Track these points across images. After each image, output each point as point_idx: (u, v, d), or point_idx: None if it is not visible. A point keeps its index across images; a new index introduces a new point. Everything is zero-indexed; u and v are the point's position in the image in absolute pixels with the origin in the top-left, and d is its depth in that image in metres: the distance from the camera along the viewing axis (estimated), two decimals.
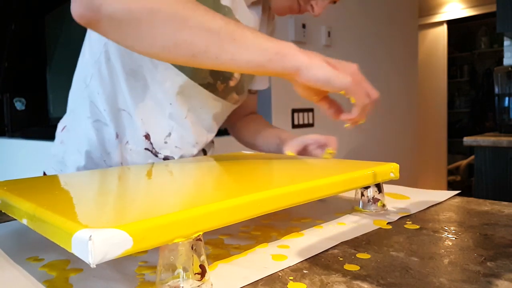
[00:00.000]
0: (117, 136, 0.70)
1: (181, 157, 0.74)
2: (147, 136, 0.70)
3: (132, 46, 0.52)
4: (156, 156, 0.72)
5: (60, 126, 0.79)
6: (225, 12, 0.68)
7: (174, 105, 0.70)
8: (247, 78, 0.81)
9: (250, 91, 0.89)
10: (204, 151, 0.82)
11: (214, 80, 0.71)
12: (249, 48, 0.50)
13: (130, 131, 0.70)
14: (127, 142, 0.70)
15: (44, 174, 0.79)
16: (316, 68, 0.51)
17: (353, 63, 0.56)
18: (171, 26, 0.48)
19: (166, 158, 0.72)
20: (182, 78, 0.67)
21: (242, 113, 0.92)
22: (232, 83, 0.75)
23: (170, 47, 0.49)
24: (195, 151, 0.76)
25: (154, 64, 0.67)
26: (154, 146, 0.71)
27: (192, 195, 0.42)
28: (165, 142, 0.71)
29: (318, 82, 0.51)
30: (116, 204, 0.38)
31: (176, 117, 0.71)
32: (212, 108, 0.75)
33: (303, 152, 0.76)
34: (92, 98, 0.71)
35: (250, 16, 0.74)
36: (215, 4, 0.67)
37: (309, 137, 0.76)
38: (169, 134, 0.71)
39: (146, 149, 0.71)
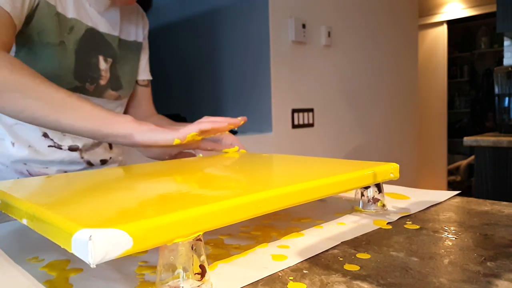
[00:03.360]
0: (13, 145, 0.75)
1: (84, 146, 0.80)
2: (46, 135, 0.76)
3: None
4: (61, 148, 0.77)
5: None
6: (73, 23, 0.74)
7: None
8: (123, 74, 0.85)
9: (138, 83, 0.94)
10: (110, 145, 0.87)
11: (81, 83, 0.77)
12: (86, 116, 0.61)
13: (28, 135, 0.75)
14: (29, 145, 0.75)
15: None
16: (147, 132, 0.62)
17: None
18: (16, 95, 0.58)
19: (71, 149, 0.78)
20: None
21: (141, 114, 0.94)
22: (102, 82, 0.81)
23: (18, 111, 0.60)
24: (91, 141, 0.82)
25: None
26: (55, 141, 0.77)
27: (191, 195, 0.42)
28: (64, 135, 0.78)
29: (150, 142, 0.62)
30: (116, 204, 0.38)
31: None
32: None
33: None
34: None
35: (104, 22, 0.80)
36: (61, 20, 0.72)
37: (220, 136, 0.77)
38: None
39: (49, 146, 0.77)
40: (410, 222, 0.49)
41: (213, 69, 2.19)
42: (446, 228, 0.46)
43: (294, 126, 2.00)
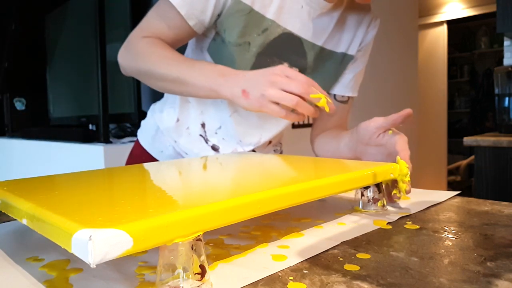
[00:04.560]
0: (177, 120, 0.84)
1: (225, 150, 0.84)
2: (203, 125, 0.83)
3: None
4: (206, 142, 0.84)
5: None
6: (269, 25, 0.73)
7: (224, 104, 0.80)
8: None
9: (335, 98, 0.89)
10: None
11: None
12: (196, 85, 0.69)
13: (191, 119, 0.83)
14: (188, 127, 0.84)
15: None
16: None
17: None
18: (151, 79, 0.74)
19: (213, 147, 0.84)
20: None
21: (325, 127, 0.90)
22: None
23: (159, 88, 0.75)
24: (239, 148, 0.84)
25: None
26: (207, 134, 0.84)
27: (192, 195, 0.42)
28: (216, 133, 0.83)
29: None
30: (116, 204, 0.38)
31: (225, 114, 0.81)
32: (257, 112, 0.77)
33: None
34: None
35: (311, 28, 0.76)
36: (256, 19, 0.71)
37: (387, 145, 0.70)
38: (220, 127, 0.83)
39: (200, 135, 0.84)
40: (410, 222, 0.49)
41: None
42: (446, 228, 0.46)
43: (294, 126, 2.00)
